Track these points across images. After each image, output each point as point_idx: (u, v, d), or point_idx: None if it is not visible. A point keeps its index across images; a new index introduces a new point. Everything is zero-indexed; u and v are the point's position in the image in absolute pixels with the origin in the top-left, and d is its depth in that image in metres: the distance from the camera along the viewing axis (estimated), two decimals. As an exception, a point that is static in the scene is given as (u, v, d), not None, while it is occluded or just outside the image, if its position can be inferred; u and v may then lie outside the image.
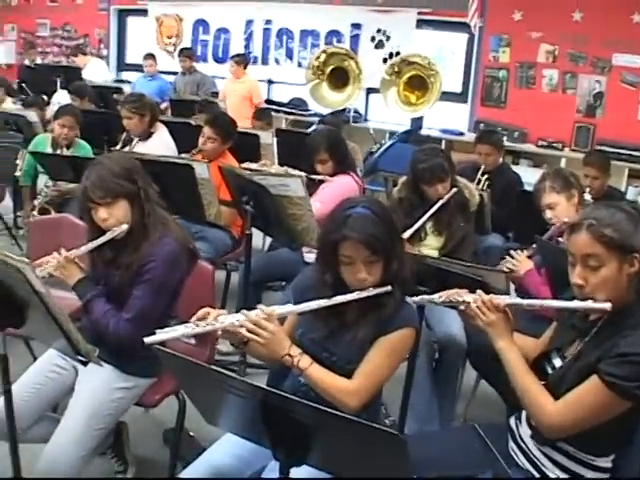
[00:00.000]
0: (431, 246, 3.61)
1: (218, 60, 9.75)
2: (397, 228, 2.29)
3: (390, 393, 2.31)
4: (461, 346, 3.22)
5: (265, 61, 9.45)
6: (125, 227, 2.49)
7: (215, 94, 8.44)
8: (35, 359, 3.42)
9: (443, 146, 7.07)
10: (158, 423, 3.34)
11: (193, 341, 2.95)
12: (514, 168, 5.81)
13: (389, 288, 2.12)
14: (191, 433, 3.15)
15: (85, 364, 2.16)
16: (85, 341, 2.12)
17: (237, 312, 2.08)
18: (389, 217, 2.19)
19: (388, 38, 8.49)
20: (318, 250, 2.28)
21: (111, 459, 2.90)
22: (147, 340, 1.94)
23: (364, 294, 2.10)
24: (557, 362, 2.12)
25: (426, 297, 2.34)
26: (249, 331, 1.99)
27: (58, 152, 4.92)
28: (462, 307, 2.22)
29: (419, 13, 8.22)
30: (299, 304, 2.14)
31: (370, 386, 2.12)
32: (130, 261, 2.49)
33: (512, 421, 2.26)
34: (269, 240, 5.14)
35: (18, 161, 5.09)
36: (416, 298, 2.38)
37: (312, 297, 2.15)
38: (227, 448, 2.17)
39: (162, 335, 1.96)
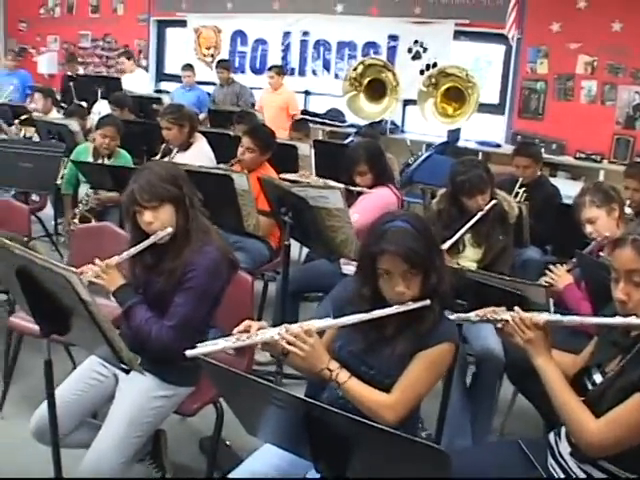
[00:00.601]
0: (469, 258, 3.59)
1: (256, 71, 9.81)
2: (436, 242, 2.29)
3: (426, 405, 2.30)
4: (499, 360, 3.20)
5: (302, 72, 9.48)
6: (170, 230, 2.52)
7: (253, 105, 8.51)
8: (75, 365, 3.50)
9: (480, 158, 7.02)
10: (194, 431, 3.37)
11: (232, 350, 2.97)
12: (551, 180, 5.75)
13: (428, 302, 2.12)
14: (227, 442, 3.17)
15: (127, 372, 2.18)
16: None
17: (273, 322, 2.11)
18: (428, 231, 2.20)
19: (425, 49, 8.46)
20: (357, 263, 2.28)
21: (149, 466, 2.93)
22: (189, 353, 1.96)
23: (403, 308, 2.11)
24: (597, 378, 2.10)
25: (462, 315, 2.31)
26: (289, 344, 2.01)
27: (99, 161, 5.01)
28: (499, 325, 2.21)
29: (456, 24, 8.19)
30: (338, 318, 2.15)
31: (408, 401, 2.11)
32: (173, 267, 2.52)
33: (551, 437, 2.24)
34: (306, 251, 5.15)
35: (61, 170, 5.17)
36: (452, 316, 2.35)
37: (351, 310, 2.16)
38: (266, 458, 2.18)
39: (204, 348, 1.97)
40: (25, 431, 2.66)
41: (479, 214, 3.50)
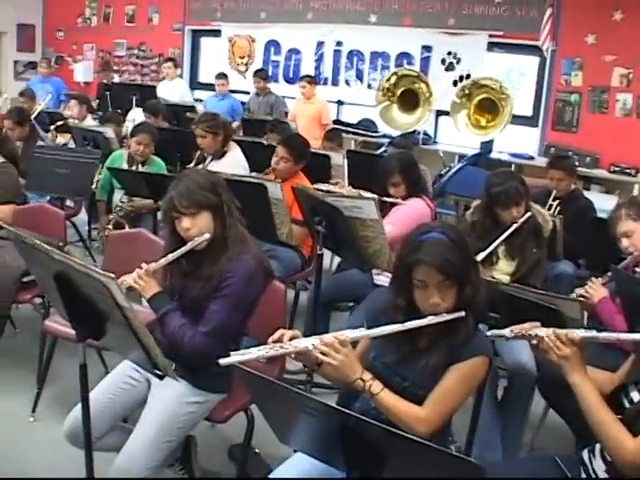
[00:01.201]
0: (503, 271, 3.58)
1: (289, 81, 9.87)
2: (472, 254, 2.28)
3: (456, 418, 2.29)
4: (531, 375, 3.17)
5: (335, 82, 9.52)
6: (207, 236, 2.54)
7: (286, 114, 8.56)
8: (107, 369, 3.54)
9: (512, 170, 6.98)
10: (223, 438, 3.38)
11: (263, 359, 2.98)
12: (585, 194, 5.70)
13: (463, 313, 2.11)
14: (256, 450, 3.18)
15: (161, 378, 2.20)
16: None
17: (304, 331, 2.12)
18: (464, 243, 2.19)
19: (459, 61, 8.45)
20: (392, 274, 2.29)
21: (179, 471, 2.94)
22: (222, 361, 1.97)
23: (437, 319, 2.10)
24: (635, 396, 2.07)
25: (497, 332, 2.28)
26: (323, 354, 2.01)
27: (133, 168, 5.06)
28: (534, 341, 2.19)
29: (490, 36, 8.17)
30: (372, 328, 2.15)
31: (441, 414, 2.11)
32: (209, 274, 2.54)
33: (585, 454, 2.21)
34: (337, 260, 5.16)
35: (96, 176, 5.23)
36: (487, 333, 2.34)
37: (385, 321, 2.16)
38: (299, 467, 2.19)
39: (237, 357, 1.98)
40: (57, 432, 2.70)
41: (513, 226, 3.49)
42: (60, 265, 2.10)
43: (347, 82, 9.45)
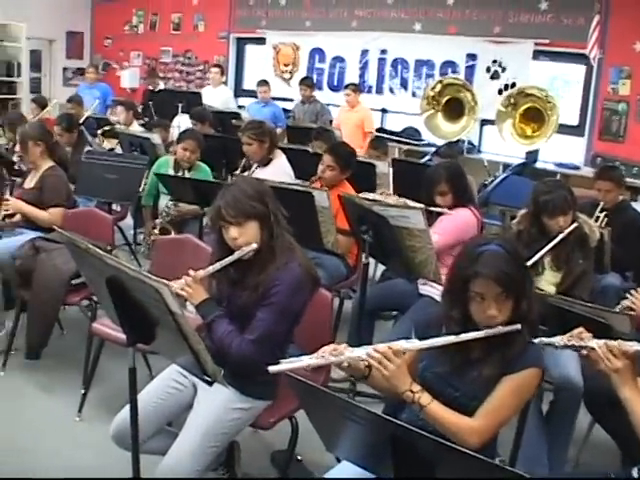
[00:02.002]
0: (548, 281, 3.53)
1: (333, 88, 9.90)
2: (528, 268, 2.27)
3: (500, 432, 2.27)
4: (578, 389, 3.13)
5: (379, 90, 9.50)
6: (255, 246, 2.55)
7: (330, 122, 8.57)
8: (151, 372, 3.58)
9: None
10: (266, 444, 3.39)
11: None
12: (633, 205, 5.61)
13: (519, 327, 2.10)
14: (299, 457, 3.18)
15: (210, 384, 2.21)
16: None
17: (349, 340, 2.13)
18: (521, 257, 2.21)
19: (504, 69, 8.39)
20: (447, 285, 2.28)
21: (222, 475, 2.96)
22: (271, 369, 1.99)
23: (492, 332, 2.10)
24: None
25: (546, 340, 2.25)
26: (376, 363, 2.02)
27: (179, 174, 5.11)
28: (585, 352, 2.16)
29: (536, 44, 8.10)
30: (422, 339, 2.15)
31: (492, 425, 2.10)
32: (257, 282, 2.54)
33: (634, 472, 2.18)
34: (381, 269, 5.14)
35: (143, 181, 5.31)
36: (535, 340, 2.32)
37: (436, 332, 2.16)
38: (346, 475, 2.19)
39: (287, 365, 2.00)
40: (102, 433, 2.76)
41: (560, 236, 3.45)
42: (113, 270, 2.13)
43: (391, 90, 9.42)
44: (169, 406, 2.70)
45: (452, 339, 2.10)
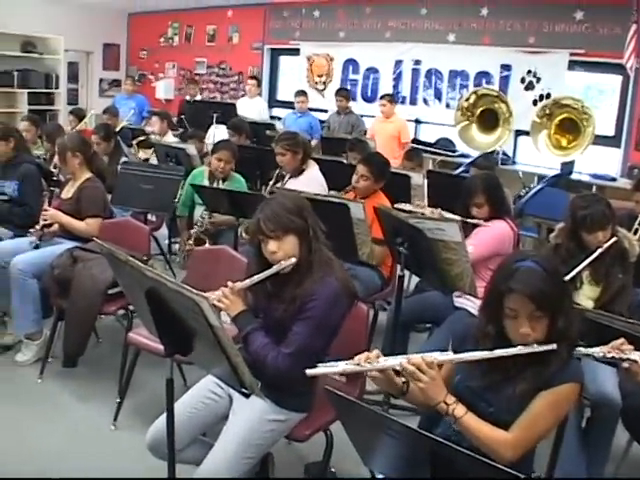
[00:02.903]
0: (587, 296, 3.48)
1: (367, 99, 9.91)
2: (567, 286, 2.24)
3: (537, 447, 2.24)
4: (616, 406, 3.08)
5: (413, 101, 9.50)
6: (294, 260, 2.55)
7: (364, 133, 8.57)
8: (186, 383, 3.60)
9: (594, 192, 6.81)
10: (300, 455, 3.39)
11: (344, 379, 2.99)
12: (673, 217, 5.51)
13: (554, 346, 2.07)
14: (332, 469, 3.17)
15: (247, 396, 2.21)
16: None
17: (383, 351, 2.12)
18: (558, 274, 2.17)
19: (538, 80, 8.31)
20: (484, 300, 2.26)
21: (256, 485, 2.97)
22: (309, 372, 2.00)
23: (526, 350, 2.08)
24: None
25: (583, 350, 2.23)
26: (410, 374, 2.01)
27: (214, 185, 5.15)
28: (626, 365, 2.13)
29: (571, 54, 8.02)
30: (459, 352, 2.14)
31: (528, 439, 2.08)
32: (294, 296, 2.55)
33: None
34: (415, 280, 5.12)
35: (179, 192, 5.35)
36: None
37: (472, 346, 2.15)
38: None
39: (324, 369, 2.02)
40: (138, 442, 2.78)
41: (599, 251, 3.40)
42: (152, 282, 2.14)
43: (425, 101, 9.41)
44: (204, 416, 2.71)
45: (486, 354, 2.08)
